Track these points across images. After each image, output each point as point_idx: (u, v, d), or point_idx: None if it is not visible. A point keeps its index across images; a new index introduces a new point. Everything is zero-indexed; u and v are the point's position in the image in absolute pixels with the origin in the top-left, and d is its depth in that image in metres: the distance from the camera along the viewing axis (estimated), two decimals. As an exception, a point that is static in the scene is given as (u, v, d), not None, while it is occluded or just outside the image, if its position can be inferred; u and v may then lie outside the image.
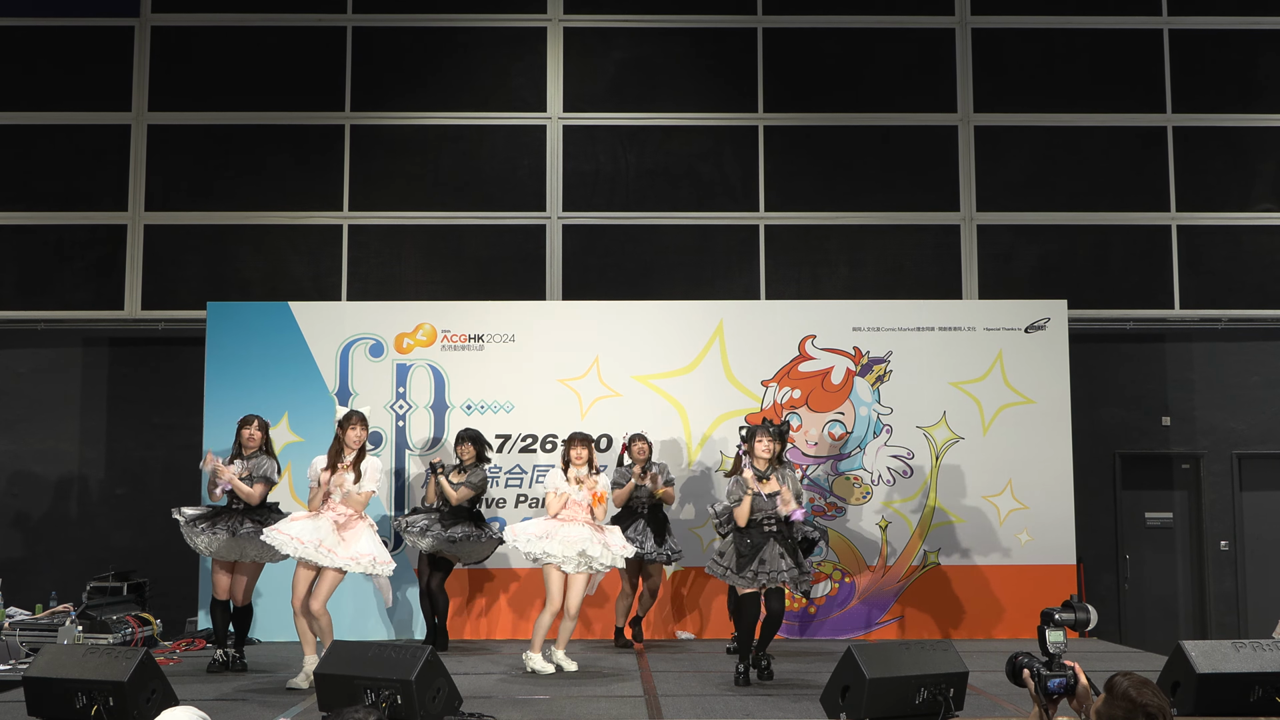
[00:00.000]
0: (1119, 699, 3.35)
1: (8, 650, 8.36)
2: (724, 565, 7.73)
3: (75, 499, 11.05)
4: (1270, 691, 5.96)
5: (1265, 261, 11.55)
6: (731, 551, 7.70)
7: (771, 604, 7.66)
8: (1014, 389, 10.22)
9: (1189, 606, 11.29)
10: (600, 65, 11.65)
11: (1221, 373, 11.39)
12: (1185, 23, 11.71)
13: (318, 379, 10.10)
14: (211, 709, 6.28)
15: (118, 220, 11.33)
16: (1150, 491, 11.35)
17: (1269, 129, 11.68)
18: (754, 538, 7.63)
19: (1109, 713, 3.35)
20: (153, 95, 11.45)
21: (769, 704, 6.90)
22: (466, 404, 10.11)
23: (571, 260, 11.38)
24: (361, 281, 11.30)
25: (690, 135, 11.62)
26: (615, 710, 6.68)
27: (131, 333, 11.19)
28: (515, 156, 11.52)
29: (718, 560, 7.81)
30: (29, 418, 11.11)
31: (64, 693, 5.81)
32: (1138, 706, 3.31)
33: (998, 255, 11.49)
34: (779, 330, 10.29)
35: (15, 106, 11.43)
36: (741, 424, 10.05)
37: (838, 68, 11.69)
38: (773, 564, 7.58)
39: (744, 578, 7.58)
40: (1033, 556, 10.05)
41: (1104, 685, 3.48)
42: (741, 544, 7.63)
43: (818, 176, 11.57)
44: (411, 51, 11.59)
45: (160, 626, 9.53)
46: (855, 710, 5.71)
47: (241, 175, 11.43)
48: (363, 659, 5.97)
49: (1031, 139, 11.63)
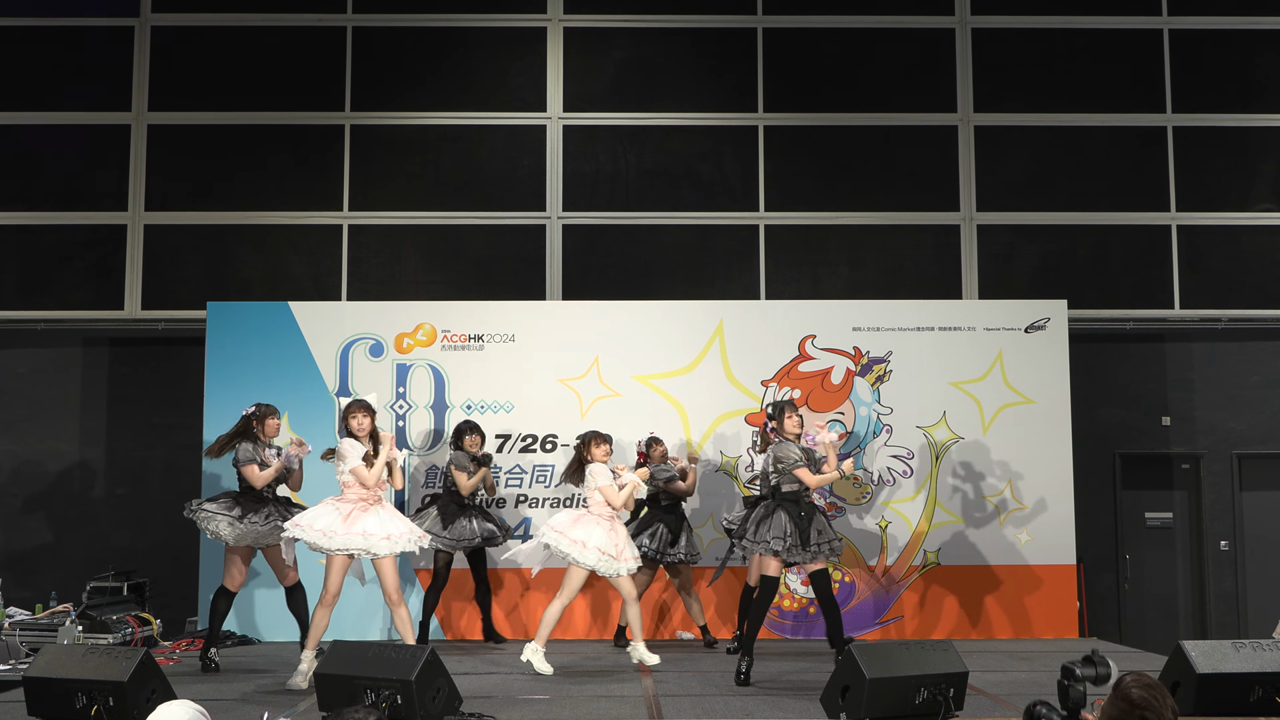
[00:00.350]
0: (1119, 699, 3.39)
1: (8, 650, 8.37)
2: (785, 542, 7.56)
3: (75, 499, 11.05)
4: (1270, 691, 5.97)
5: (1265, 261, 11.56)
6: (791, 528, 7.56)
7: (823, 584, 7.72)
8: (1014, 389, 10.22)
9: (1189, 606, 11.29)
10: (600, 65, 11.65)
11: (1221, 373, 11.39)
12: (1185, 23, 11.71)
13: (318, 379, 10.11)
14: (211, 709, 6.28)
15: (118, 220, 11.33)
16: (1150, 491, 11.35)
17: (1269, 129, 11.68)
18: (806, 510, 7.69)
19: (1110, 711, 3.38)
20: (153, 95, 11.45)
21: (769, 704, 6.90)
22: (466, 404, 10.11)
23: (571, 260, 11.38)
24: (361, 281, 11.31)
25: (690, 135, 11.62)
26: (615, 710, 6.68)
27: (131, 333, 11.20)
28: (515, 156, 11.53)
29: (778, 539, 7.57)
30: (29, 418, 11.11)
31: (64, 693, 5.82)
32: (1134, 708, 3.34)
33: (998, 255, 11.49)
34: (779, 330, 10.29)
35: (15, 106, 11.43)
36: (768, 406, 9.75)
37: (838, 68, 11.69)
38: (827, 532, 7.70)
39: (808, 552, 7.59)
40: (1033, 556, 10.05)
41: (1113, 683, 3.51)
42: (797, 518, 7.60)
43: (818, 176, 11.57)
44: (411, 51, 11.59)
45: (160, 626, 9.53)
46: (855, 710, 5.71)
47: (241, 175, 11.43)
48: (363, 659, 5.97)
49: (1031, 139, 11.63)
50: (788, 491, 7.73)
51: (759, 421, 10.13)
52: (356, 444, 7.53)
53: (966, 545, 10.05)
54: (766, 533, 7.63)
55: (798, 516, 7.65)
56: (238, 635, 9.61)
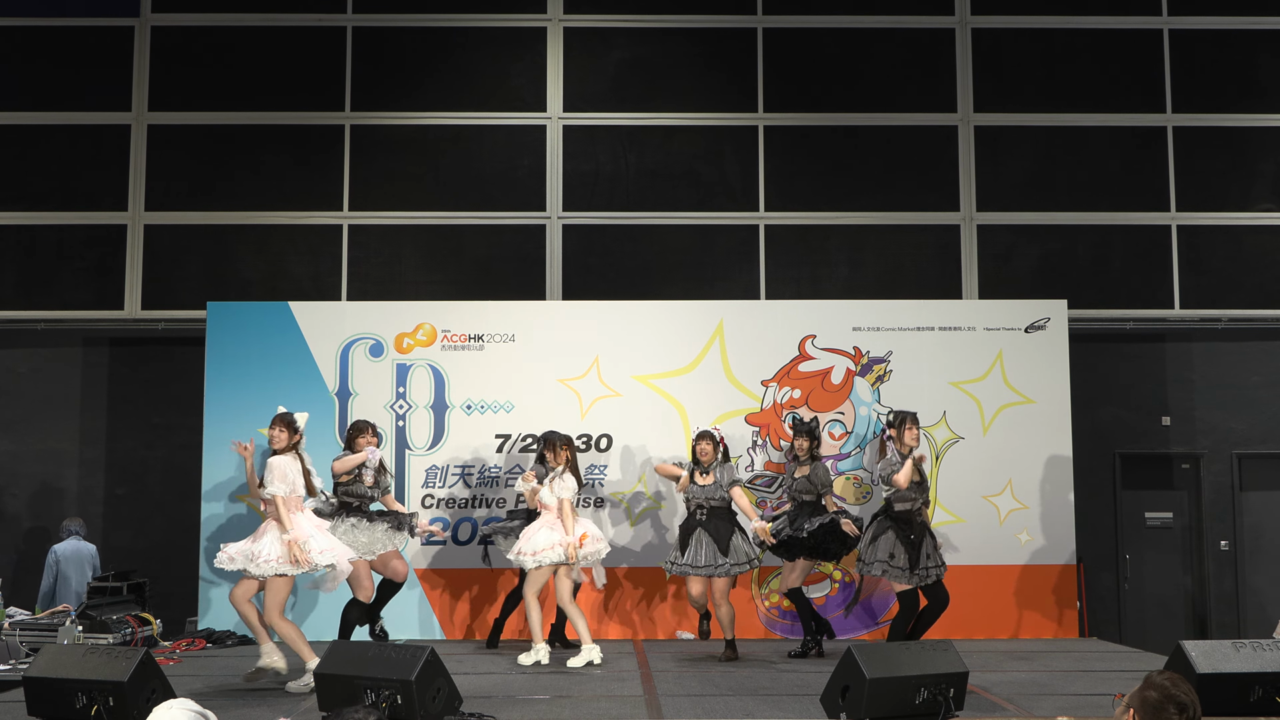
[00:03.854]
0: (1153, 687, 3.53)
1: (8, 650, 8.36)
2: (898, 566, 7.74)
3: (75, 499, 11.05)
4: (1270, 691, 5.97)
5: (1265, 261, 11.56)
6: (901, 551, 7.72)
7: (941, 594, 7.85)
8: (1014, 389, 10.22)
9: (1189, 606, 11.29)
10: (600, 65, 11.65)
11: (1221, 373, 11.39)
12: (1185, 23, 11.71)
13: (318, 379, 10.11)
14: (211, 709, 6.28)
15: (118, 220, 11.33)
16: (1150, 491, 11.34)
17: (1269, 129, 11.68)
18: (915, 532, 7.74)
19: (1142, 696, 3.50)
20: (153, 95, 11.45)
21: (769, 704, 6.90)
22: (466, 404, 10.11)
23: (571, 260, 11.38)
24: (361, 281, 11.31)
25: (690, 135, 11.62)
26: (615, 710, 6.68)
27: (131, 333, 11.19)
28: (515, 156, 11.53)
29: (886, 562, 7.82)
30: (29, 418, 11.11)
31: (64, 693, 5.82)
32: (1170, 697, 3.46)
33: (998, 255, 11.49)
34: (779, 330, 10.29)
35: (15, 106, 11.43)
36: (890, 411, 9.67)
37: (838, 67, 11.69)
38: (935, 557, 7.78)
39: (918, 575, 7.69)
40: (1033, 556, 10.05)
41: (1143, 679, 3.62)
42: (906, 540, 7.67)
43: (818, 176, 11.57)
44: (411, 51, 11.59)
45: (160, 626, 9.52)
46: (855, 710, 5.71)
47: (241, 175, 11.43)
48: (363, 659, 5.98)
49: (1031, 139, 11.63)
50: (900, 510, 7.75)
51: (760, 421, 10.15)
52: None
53: (966, 545, 10.04)
54: (876, 553, 7.76)
55: (906, 537, 7.65)
56: (238, 635, 9.61)
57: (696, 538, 8.55)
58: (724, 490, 8.60)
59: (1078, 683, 7.67)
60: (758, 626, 10.00)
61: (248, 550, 7.29)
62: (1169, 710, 3.45)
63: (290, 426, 7.49)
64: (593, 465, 10.03)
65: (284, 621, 7.36)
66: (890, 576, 7.61)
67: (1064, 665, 8.48)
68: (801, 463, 9.08)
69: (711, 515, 8.57)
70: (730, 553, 8.50)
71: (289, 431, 7.47)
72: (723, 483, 8.61)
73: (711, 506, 8.58)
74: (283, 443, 7.44)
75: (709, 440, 8.73)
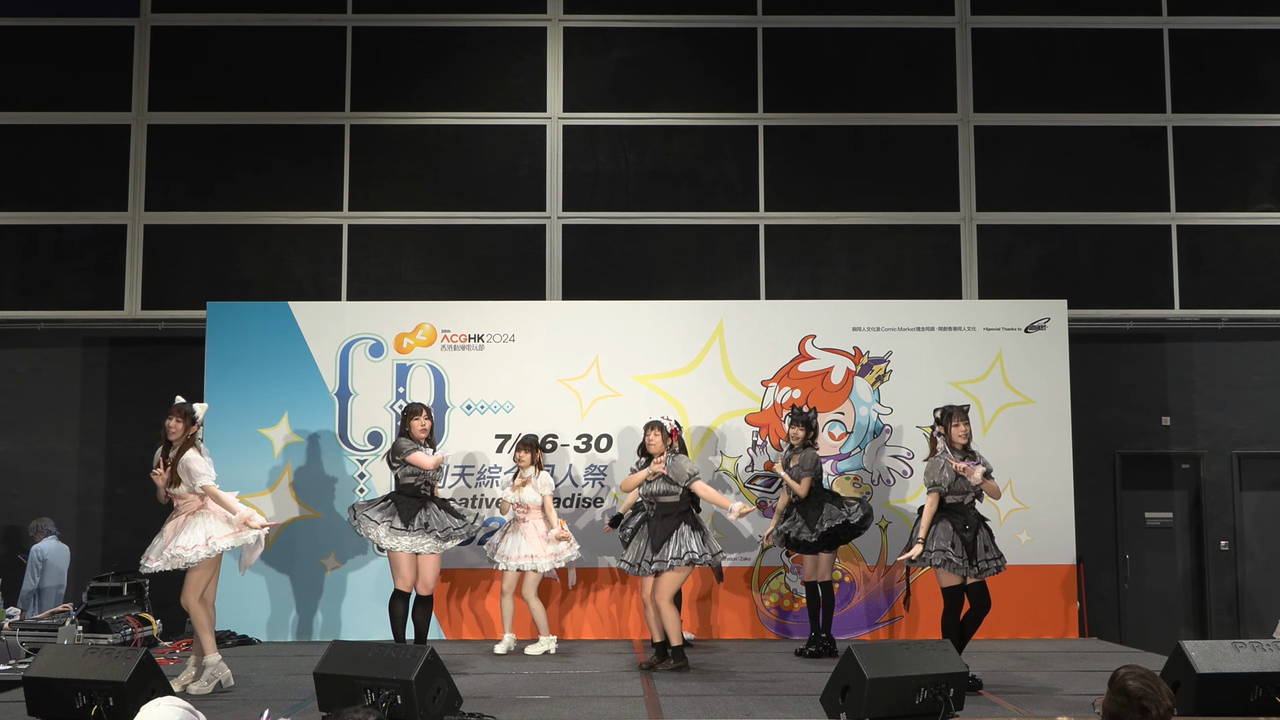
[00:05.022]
0: (1117, 693, 3.43)
1: (8, 650, 8.36)
2: (955, 557, 7.36)
3: (75, 499, 11.05)
4: (1270, 691, 5.97)
5: (1265, 261, 11.56)
6: (956, 540, 7.38)
7: (984, 598, 7.52)
8: (1014, 389, 10.22)
9: (1189, 606, 11.29)
10: (600, 65, 11.65)
11: (1221, 373, 11.39)
12: (1185, 23, 11.71)
13: (318, 379, 10.10)
14: (210, 709, 6.29)
15: (118, 220, 11.33)
16: (1150, 491, 11.34)
17: (1269, 129, 11.68)
18: (971, 522, 7.48)
19: (1110, 706, 3.42)
20: (153, 95, 11.45)
21: (769, 704, 6.90)
22: (466, 404, 10.11)
23: (571, 260, 11.38)
24: (361, 281, 11.31)
25: (690, 135, 11.62)
26: (615, 710, 6.68)
27: (131, 333, 11.19)
28: (515, 156, 11.53)
29: (945, 551, 7.39)
30: (29, 418, 11.11)
31: (64, 693, 5.82)
32: (1133, 699, 3.38)
33: (998, 255, 11.49)
34: (779, 330, 10.29)
35: (15, 106, 11.43)
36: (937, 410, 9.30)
37: (837, 68, 11.69)
38: (993, 549, 7.54)
39: (974, 567, 7.40)
40: (1033, 556, 10.05)
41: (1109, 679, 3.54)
42: (961, 530, 7.41)
43: (818, 176, 11.57)
44: (411, 51, 11.59)
45: (160, 626, 9.52)
46: (855, 710, 5.71)
47: (241, 175, 11.43)
48: (363, 659, 5.98)
49: (1031, 139, 11.63)
50: (952, 503, 7.50)
51: (760, 421, 10.15)
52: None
53: (966, 545, 10.03)
54: (932, 542, 7.44)
55: (962, 529, 7.45)
56: (238, 635, 9.61)
57: (638, 535, 8.29)
58: (678, 486, 8.09)
59: (1078, 683, 7.67)
60: (758, 627, 10.00)
61: (173, 550, 7.21)
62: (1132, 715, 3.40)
63: (189, 418, 7.47)
64: (592, 465, 10.04)
65: (199, 606, 7.29)
66: (950, 569, 7.35)
67: (1064, 665, 8.48)
68: (795, 450, 9.11)
69: (660, 511, 8.12)
70: (659, 550, 7.98)
71: (186, 422, 7.46)
72: (675, 478, 8.08)
73: (661, 502, 8.12)
74: (179, 433, 7.42)
75: (657, 430, 8.22)
